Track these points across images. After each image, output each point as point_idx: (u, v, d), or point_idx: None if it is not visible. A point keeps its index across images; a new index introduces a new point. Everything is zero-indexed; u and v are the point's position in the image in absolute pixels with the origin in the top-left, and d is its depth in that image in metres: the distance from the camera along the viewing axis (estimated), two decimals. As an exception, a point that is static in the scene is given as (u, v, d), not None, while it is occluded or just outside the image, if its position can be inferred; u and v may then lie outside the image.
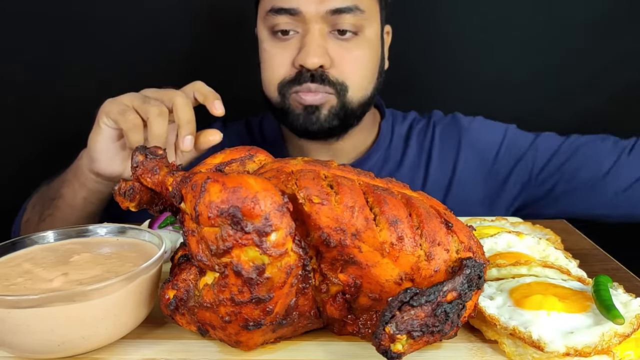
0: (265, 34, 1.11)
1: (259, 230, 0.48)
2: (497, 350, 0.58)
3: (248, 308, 0.51)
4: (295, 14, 1.05)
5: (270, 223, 0.49)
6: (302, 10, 1.05)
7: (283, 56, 1.09)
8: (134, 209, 0.61)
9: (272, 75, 1.12)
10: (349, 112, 1.12)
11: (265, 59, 1.13)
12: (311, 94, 1.08)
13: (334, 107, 1.10)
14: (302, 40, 1.07)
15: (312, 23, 1.05)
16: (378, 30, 1.14)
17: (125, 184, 0.61)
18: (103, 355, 0.57)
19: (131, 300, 0.56)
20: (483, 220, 0.87)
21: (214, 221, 0.49)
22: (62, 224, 1.02)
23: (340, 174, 0.58)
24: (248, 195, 0.48)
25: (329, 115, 1.11)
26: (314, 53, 1.04)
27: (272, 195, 0.49)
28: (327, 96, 1.09)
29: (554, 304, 0.57)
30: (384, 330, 0.49)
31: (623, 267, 0.78)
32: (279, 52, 1.10)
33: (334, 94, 1.09)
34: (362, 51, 1.10)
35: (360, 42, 1.09)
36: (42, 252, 0.64)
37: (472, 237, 0.57)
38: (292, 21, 1.07)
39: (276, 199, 0.49)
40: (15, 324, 0.52)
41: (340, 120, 1.12)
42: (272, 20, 1.08)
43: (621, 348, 0.54)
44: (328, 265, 0.55)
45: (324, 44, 1.06)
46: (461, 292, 0.51)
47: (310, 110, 1.10)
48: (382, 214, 0.53)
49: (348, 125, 1.15)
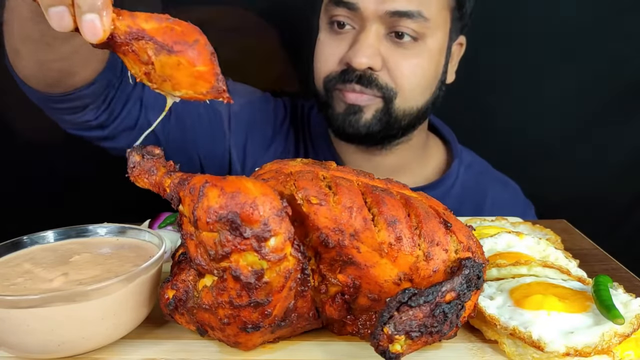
0: (324, 24, 1.08)
1: (257, 235, 0.48)
2: (497, 350, 0.58)
3: (246, 311, 0.51)
4: (354, 9, 1.01)
5: (269, 228, 0.48)
6: (360, 7, 1.00)
7: (334, 50, 1.05)
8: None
9: (320, 68, 1.08)
10: (393, 120, 1.06)
11: (318, 49, 1.09)
12: (356, 94, 1.04)
13: (378, 111, 1.05)
14: (356, 36, 1.02)
15: (370, 21, 1.00)
16: (443, 41, 1.07)
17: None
18: (103, 355, 0.57)
19: (131, 300, 0.56)
20: (483, 220, 0.87)
21: (213, 226, 0.49)
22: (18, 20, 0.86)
23: (339, 174, 0.58)
24: (247, 200, 0.48)
25: (372, 119, 1.06)
26: (363, 53, 1.00)
27: (271, 200, 0.49)
28: (373, 99, 1.04)
29: (554, 304, 0.57)
30: (382, 331, 0.49)
31: (623, 267, 0.78)
32: (331, 44, 1.06)
33: (380, 98, 1.04)
34: (419, 60, 1.04)
35: (419, 50, 1.03)
36: (42, 252, 0.64)
37: (471, 237, 0.57)
38: (349, 16, 1.02)
39: (275, 204, 0.49)
40: (15, 324, 0.52)
41: (382, 126, 1.06)
42: (331, 11, 1.04)
43: (621, 348, 0.54)
44: (327, 266, 0.55)
45: (377, 45, 1.01)
46: (460, 292, 0.51)
47: (352, 110, 1.05)
48: (381, 214, 0.53)
49: (390, 135, 1.09)
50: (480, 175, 1.25)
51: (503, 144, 1.53)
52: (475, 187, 1.23)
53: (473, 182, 1.23)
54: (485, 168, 1.29)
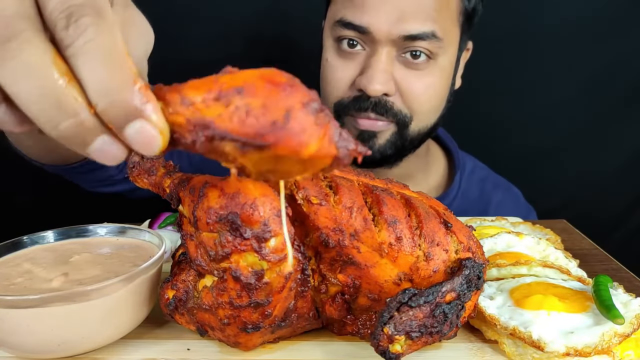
0: (330, 43, 1.03)
1: (257, 236, 0.48)
2: (497, 350, 0.58)
3: (247, 312, 0.51)
4: (364, 33, 0.96)
5: (269, 229, 0.48)
6: (372, 31, 0.95)
7: (345, 73, 1.01)
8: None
9: (330, 92, 1.04)
10: (407, 142, 1.05)
11: (326, 71, 1.04)
12: (370, 121, 1.01)
13: (392, 135, 1.02)
14: (367, 60, 0.98)
15: (382, 45, 0.96)
16: (454, 56, 1.04)
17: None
18: (103, 355, 0.57)
19: (131, 300, 0.56)
20: (483, 220, 0.87)
21: (213, 227, 0.49)
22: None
23: (339, 174, 0.58)
24: (247, 201, 0.48)
25: (385, 144, 1.03)
26: (378, 79, 0.95)
27: (271, 201, 0.49)
28: (387, 124, 1.02)
29: (554, 304, 0.57)
30: (382, 331, 0.49)
31: (623, 267, 0.78)
32: (341, 66, 1.01)
33: (394, 124, 1.02)
34: (432, 79, 1.01)
35: (432, 69, 1.00)
36: (42, 252, 0.64)
37: (471, 237, 0.57)
38: (359, 38, 0.98)
39: (275, 204, 0.49)
40: (15, 324, 0.52)
41: (396, 149, 1.04)
42: (338, 32, 0.99)
43: (621, 348, 0.54)
44: (327, 265, 0.55)
45: (391, 69, 0.97)
46: (460, 292, 0.51)
47: (366, 136, 1.02)
48: (381, 214, 0.53)
49: (403, 155, 1.08)
50: (482, 183, 1.24)
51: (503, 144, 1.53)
52: (478, 195, 1.22)
53: (475, 190, 1.22)
54: (487, 174, 1.27)
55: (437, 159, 1.26)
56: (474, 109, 1.51)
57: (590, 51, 1.49)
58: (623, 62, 1.49)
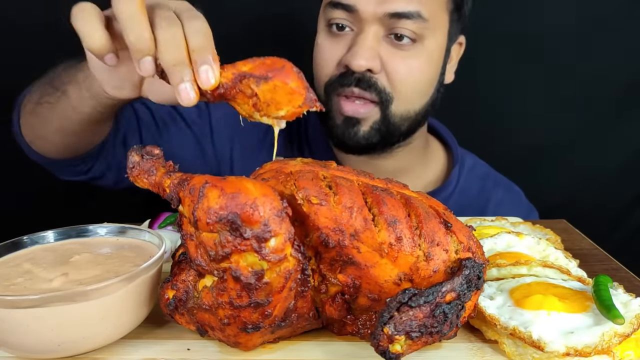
0: (322, 26, 1.07)
1: (258, 236, 0.48)
2: (497, 350, 0.58)
3: (247, 312, 0.51)
4: (352, 11, 0.99)
5: (269, 229, 0.48)
6: (359, 9, 0.98)
7: (332, 53, 1.04)
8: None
9: (320, 72, 1.07)
10: (392, 127, 1.05)
11: (316, 53, 1.08)
12: (353, 105, 1.03)
13: (376, 122, 1.04)
14: (354, 39, 1.01)
15: (368, 23, 0.99)
16: (442, 42, 1.06)
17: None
18: (103, 355, 0.57)
19: (131, 300, 0.56)
20: (483, 220, 0.87)
21: (213, 227, 0.49)
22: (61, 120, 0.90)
23: (339, 174, 0.58)
24: (247, 201, 0.48)
25: (370, 131, 1.04)
26: (362, 55, 0.98)
27: (272, 201, 0.49)
28: (370, 109, 1.03)
29: (554, 304, 0.57)
30: (382, 331, 0.49)
31: (623, 267, 0.78)
32: (329, 47, 1.04)
33: (377, 105, 1.03)
34: (418, 61, 1.02)
35: (418, 51, 1.02)
36: (42, 252, 0.64)
37: (471, 237, 0.57)
38: (347, 17, 1.01)
39: (275, 204, 0.49)
40: (15, 324, 0.52)
41: (381, 136, 1.05)
42: (329, 14, 1.03)
43: (621, 348, 0.54)
44: (327, 265, 0.55)
45: (377, 47, 1.00)
46: (460, 292, 0.51)
47: (351, 122, 1.04)
48: (381, 214, 0.53)
49: (390, 142, 1.08)
50: (482, 180, 1.24)
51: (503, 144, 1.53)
52: (478, 192, 1.22)
53: (475, 187, 1.22)
54: (487, 172, 1.27)
55: (436, 154, 1.26)
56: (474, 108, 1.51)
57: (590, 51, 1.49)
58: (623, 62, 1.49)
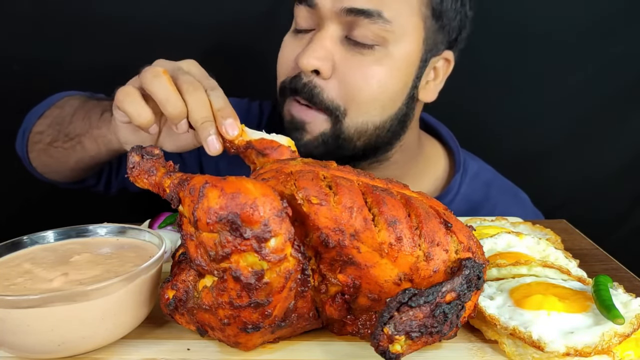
0: (292, 27, 1.01)
1: (258, 236, 0.48)
2: (497, 350, 0.58)
3: (247, 312, 0.51)
4: (312, 6, 0.93)
5: (269, 229, 0.48)
6: (317, 2, 0.92)
7: (291, 52, 0.97)
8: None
9: (279, 70, 1.01)
10: (343, 141, 0.95)
11: (280, 52, 1.02)
12: (300, 108, 0.95)
13: (324, 134, 0.95)
14: (312, 37, 0.94)
15: (327, 20, 0.92)
16: (413, 51, 0.95)
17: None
18: (103, 355, 0.57)
19: (131, 300, 0.56)
20: (483, 220, 0.87)
21: (213, 227, 0.49)
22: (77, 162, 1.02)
23: (339, 174, 0.58)
24: (247, 201, 0.48)
25: (314, 141, 0.95)
26: (311, 53, 0.90)
27: (272, 201, 0.49)
28: (316, 117, 0.94)
29: (554, 304, 0.57)
30: (382, 331, 0.49)
31: (623, 267, 0.78)
32: (290, 46, 0.99)
33: (326, 118, 0.94)
34: (378, 68, 0.92)
35: (379, 57, 0.92)
36: (42, 252, 0.64)
37: (471, 237, 0.57)
38: (310, 16, 0.95)
39: (275, 204, 0.49)
40: (15, 324, 0.52)
41: (328, 149, 0.95)
42: (295, 11, 0.97)
43: (621, 348, 0.54)
44: (327, 265, 0.55)
45: (331, 47, 0.92)
46: (460, 292, 0.51)
47: (295, 125, 0.96)
48: (381, 214, 0.53)
49: (342, 157, 0.95)
50: (486, 187, 1.18)
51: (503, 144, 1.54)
52: (482, 199, 1.16)
53: (479, 193, 1.16)
54: (493, 178, 1.22)
55: (435, 161, 1.20)
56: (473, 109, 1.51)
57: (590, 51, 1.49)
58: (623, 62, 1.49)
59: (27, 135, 1.11)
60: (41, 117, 1.10)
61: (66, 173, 1.08)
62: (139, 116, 0.73)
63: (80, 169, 1.05)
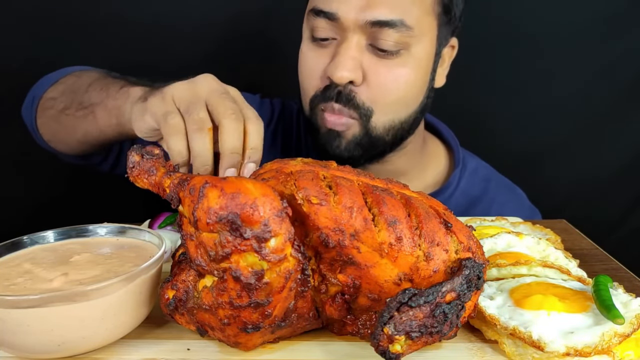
0: (307, 34, 1.03)
1: (258, 236, 0.48)
2: (497, 350, 0.58)
3: (247, 312, 0.51)
4: (334, 19, 0.96)
5: (269, 229, 0.48)
6: (340, 16, 0.95)
7: (316, 64, 1.01)
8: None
9: (305, 84, 1.04)
10: (375, 139, 1.02)
11: (301, 63, 1.05)
12: (334, 116, 1.00)
13: (357, 136, 1.01)
14: (337, 48, 0.97)
15: (350, 32, 0.95)
16: (430, 48, 1.02)
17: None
18: (103, 355, 0.57)
19: (131, 300, 0.56)
20: (483, 220, 0.87)
21: (213, 227, 0.49)
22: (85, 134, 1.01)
23: (339, 174, 0.58)
24: (247, 201, 0.48)
25: (351, 144, 1.02)
26: (344, 66, 0.95)
27: (272, 201, 0.49)
28: (350, 122, 1.00)
29: (554, 304, 0.57)
30: (382, 331, 0.49)
31: (623, 267, 0.78)
32: (313, 57, 1.02)
33: (357, 120, 1.00)
34: (404, 70, 0.98)
35: (405, 59, 0.98)
36: (42, 252, 0.64)
37: (471, 237, 0.57)
38: (330, 27, 0.98)
39: (275, 204, 0.49)
40: (15, 324, 0.52)
41: (363, 149, 1.03)
42: (312, 22, 1.00)
43: (621, 348, 0.54)
44: (327, 265, 0.55)
45: (359, 56, 0.96)
46: (460, 292, 0.51)
47: (333, 134, 1.02)
48: (381, 214, 0.53)
49: (375, 154, 1.06)
50: (484, 182, 1.22)
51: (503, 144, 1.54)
52: (480, 194, 1.20)
53: (477, 189, 1.21)
54: (490, 174, 1.26)
55: (436, 156, 1.24)
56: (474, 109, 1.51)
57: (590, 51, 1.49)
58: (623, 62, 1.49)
59: (37, 102, 1.09)
60: (55, 83, 1.08)
61: (72, 144, 1.07)
62: (178, 154, 0.73)
63: (86, 142, 1.03)
